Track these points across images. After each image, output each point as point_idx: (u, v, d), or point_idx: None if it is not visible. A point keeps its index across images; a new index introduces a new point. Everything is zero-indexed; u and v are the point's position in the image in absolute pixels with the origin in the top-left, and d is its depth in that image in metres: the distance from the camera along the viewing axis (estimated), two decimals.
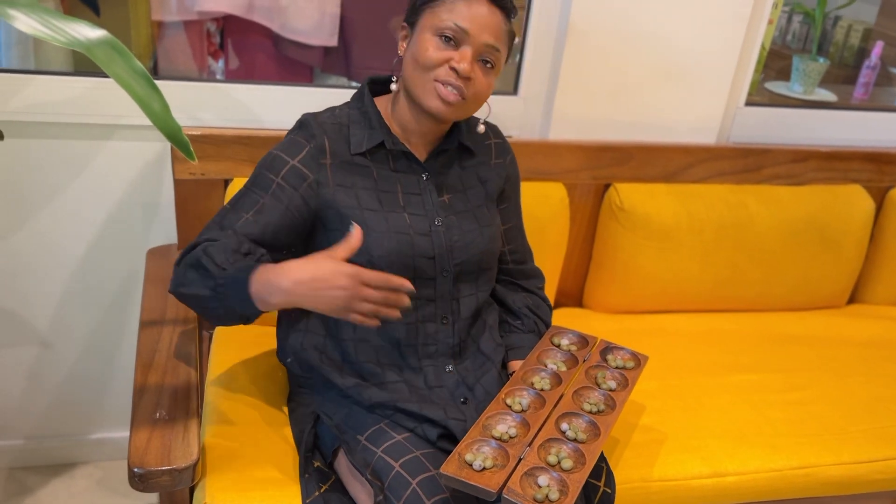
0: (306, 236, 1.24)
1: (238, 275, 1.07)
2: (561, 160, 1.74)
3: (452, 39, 1.15)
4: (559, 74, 1.71)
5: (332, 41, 1.89)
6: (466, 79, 1.15)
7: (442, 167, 1.28)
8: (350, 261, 1.17)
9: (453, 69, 1.15)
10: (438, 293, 1.25)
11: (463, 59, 1.14)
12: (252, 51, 1.92)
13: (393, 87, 1.23)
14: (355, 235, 1.06)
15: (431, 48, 1.15)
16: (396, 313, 1.06)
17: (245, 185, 1.21)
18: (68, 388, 1.80)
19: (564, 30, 1.67)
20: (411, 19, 1.20)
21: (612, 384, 1.28)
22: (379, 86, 1.29)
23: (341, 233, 1.19)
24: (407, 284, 1.05)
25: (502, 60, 1.20)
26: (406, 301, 1.06)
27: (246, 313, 1.11)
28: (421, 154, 1.27)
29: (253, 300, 1.06)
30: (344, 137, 1.23)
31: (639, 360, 1.35)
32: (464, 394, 1.26)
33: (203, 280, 1.11)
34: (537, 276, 1.43)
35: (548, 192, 1.72)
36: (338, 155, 1.21)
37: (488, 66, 1.18)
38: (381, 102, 1.26)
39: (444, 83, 1.16)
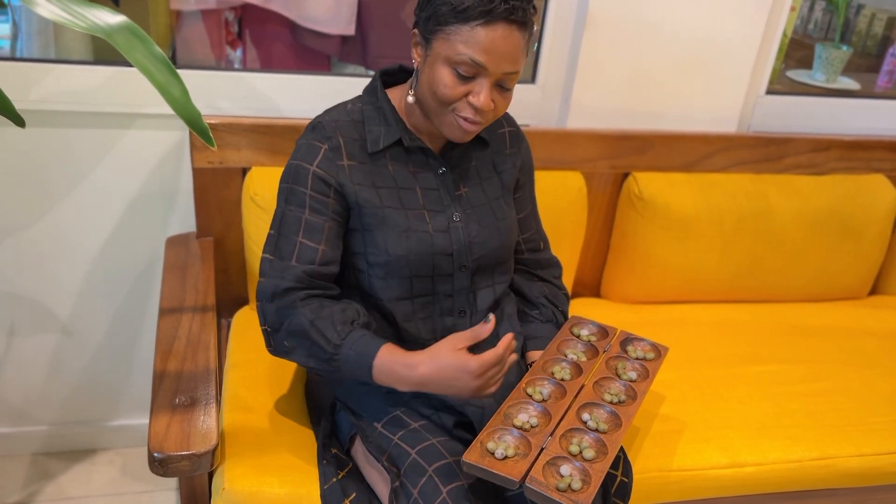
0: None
1: (359, 360, 1.11)
2: (579, 149, 1.73)
3: (469, 74, 1.09)
4: (577, 63, 1.70)
5: (350, 30, 1.88)
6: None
7: (458, 160, 1.26)
8: (369, 261, 1.19)
9: (471, 104, 1.10)
10: (456, 288, 1.25)
11: (480, 94, 1.09)
12: (270, 39, 1.92)
13: (410, 99, 1.17)
14: (487, 328, 1.09)
15: (447, 84, 1.09)
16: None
17: (280, 204, 1.19)
18: (89, 376, 1.82)
19: (583, 18, 1.66)
20: (425, 34, 1.11)
21: (633, 375, 1.27)
22: (390, 76, 1.26)
23: (366, 234, 1.18)
24: (511, 344, 1.09)
25: (519, 74, 1.14)
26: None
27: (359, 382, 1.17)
28: (436, 147, 1.24)
29: (374, 381, 1.11)
30: (359, 135, 1.20)
31: (659, 352, 1.34)
32: None
33: (313, 352, 1.13)
34: (554, 265, 1.42)
35: (566, 182, 1.71)
36: (354, 154, 1.19)
37: (506, 90, 1.13)
38: (395, 95, 1.23)
39: (463, 118, 1.12)
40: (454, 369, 1.06)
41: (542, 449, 1.08)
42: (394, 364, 1.09)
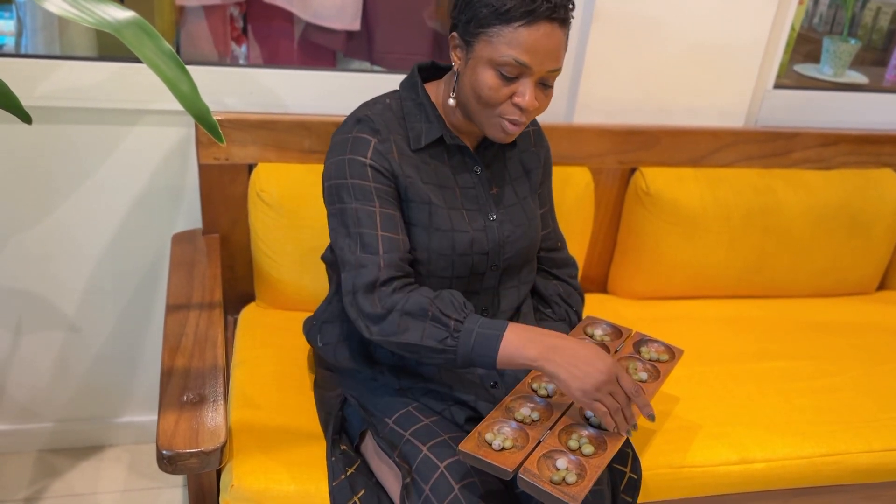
0: None
1: (487, 333, 1.07)
2: (586, 144, 1.73)
3: (512, 74, 1.09)
4: (584, 57, 1.69)
5: (355, 25, 1.88)
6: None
7: (491, 159, 1.26)
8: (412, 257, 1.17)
9: (517, 105, 1.10)
10: (483, 286, 1.25)
11: (525, 94, 1.09)
12: (275, 35, 1.92)
13: (451, 102, 1.17)
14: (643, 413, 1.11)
15: (492, 86, 1.09)
16: (626, 426, 1.09)
17: (343, 200, 1.15)
18: (96, 372, 1.82)
19: (590, 12, 1.65)
20: (465, 37, 1.11)
21: (643, 375, 1.26)
22: (424, 72, 1.25)
23: (411, 228, 1.17)
24: (649, 409, 1.10)
25: (560, 71, 1.13)
26: (634, 421, 1.09)
27: (470, 366, 1.10)
28: (470, 146, 1.24)
29: (496, 355, 1.06)
30: (403, 130, 1.19)
31: (673, 354, 1.33)
32: (494, 378, 1.25)
33: (430, 331, 1.08)
34: (570, 264, 1.41)
35: (573, 177, 1.70)
36: (401, 149, 1.18)
37: (548, 87, 1.13)
38: (431, 91, 1.22)
39: (509, 120, 1.12)
40: (594, 351, 1.06)
41: (539, 441, 1.08)
42: (528, 330, 1.08)
